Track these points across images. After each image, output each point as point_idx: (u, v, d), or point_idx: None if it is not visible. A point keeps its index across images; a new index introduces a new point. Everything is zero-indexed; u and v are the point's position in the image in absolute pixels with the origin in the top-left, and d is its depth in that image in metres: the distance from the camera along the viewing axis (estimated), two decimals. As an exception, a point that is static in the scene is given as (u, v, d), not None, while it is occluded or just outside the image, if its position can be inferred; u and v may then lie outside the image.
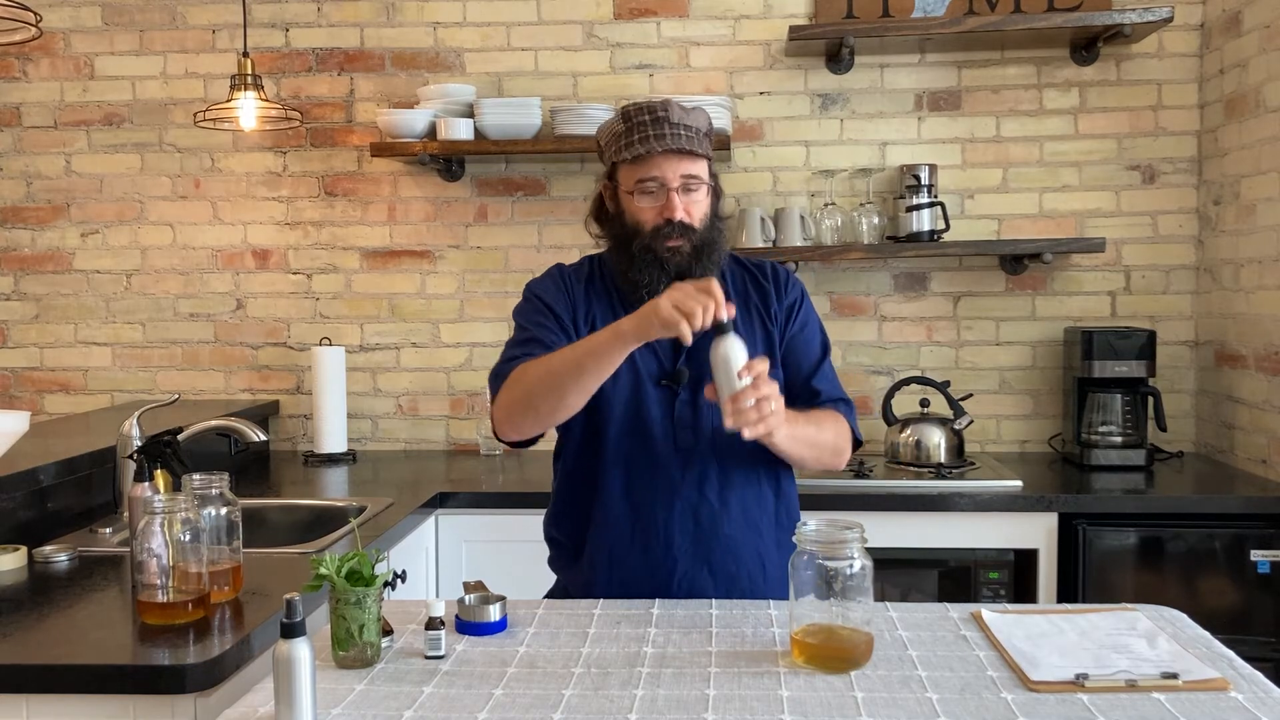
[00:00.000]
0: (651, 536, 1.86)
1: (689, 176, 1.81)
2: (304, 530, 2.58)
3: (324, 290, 3.51)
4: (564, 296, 1.91)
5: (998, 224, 3.34)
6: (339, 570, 1.46)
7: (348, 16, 3.46)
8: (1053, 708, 1.32)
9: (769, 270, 1.97)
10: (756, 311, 1.92)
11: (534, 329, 1.87)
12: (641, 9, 3.39)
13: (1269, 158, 2.85)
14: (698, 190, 1.82)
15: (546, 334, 1.85)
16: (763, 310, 1.92)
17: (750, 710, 1.31)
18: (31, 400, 3.58)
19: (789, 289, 1.95)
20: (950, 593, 2.74)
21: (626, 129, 1.81)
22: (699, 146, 1.80)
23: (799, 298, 1.96)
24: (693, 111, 1.83)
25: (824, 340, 1.98)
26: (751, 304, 1.92)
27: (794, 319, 1.94)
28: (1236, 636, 2.35)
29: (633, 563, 1.87)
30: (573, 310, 1.90)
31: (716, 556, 1.85)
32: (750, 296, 1.93)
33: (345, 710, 1.33)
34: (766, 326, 1.92)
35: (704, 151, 1.81)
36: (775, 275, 1.96)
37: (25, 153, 3.54)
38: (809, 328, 1.96)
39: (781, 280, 1.96)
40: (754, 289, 1.94)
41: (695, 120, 1.82)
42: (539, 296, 1.92)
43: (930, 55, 3.33)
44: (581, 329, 1.88)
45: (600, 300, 1.92)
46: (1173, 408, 3.24)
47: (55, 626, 1.70)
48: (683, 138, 1.78)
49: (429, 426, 3.51)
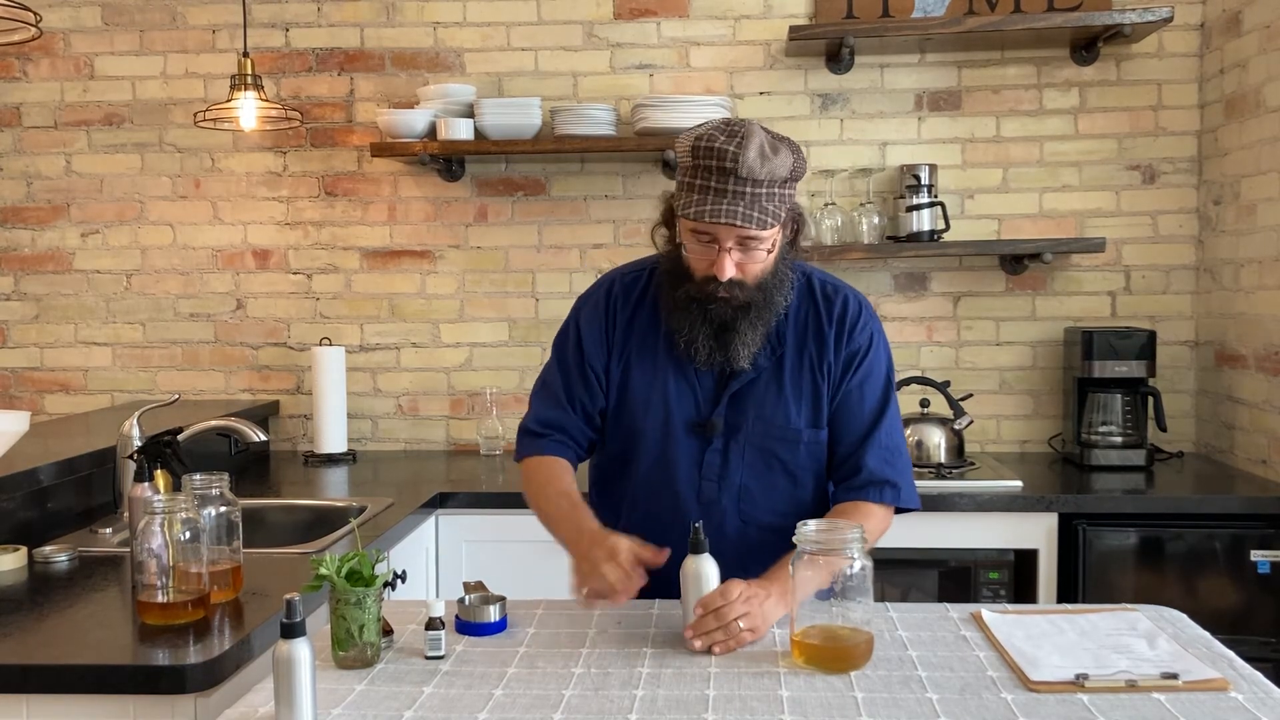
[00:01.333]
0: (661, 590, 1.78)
1: (747, 238, 1.64)
2: (304, 530, 2.58)
3: (324, 290, 3.51)
4: (601, 331, 1.82)
5: (998, 224, 3.34)
6: (339, 570, 1.46)
7: (348, 16, 3.46)
8: (1053, 708, 1.32)
9: (838, 310, 1.78)
10: (809, 362, 1.77)
11: (557, 376, 1.86)
12: (641, 9, 3.39)
13: (1269, 158, 2.85)
14: (757, 249, 1.65)
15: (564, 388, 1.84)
16: (816, 361, 1.77)
17: (750, 710, 1.31)
18: (31, 400, 3.58)
19: (853, 336, 1.77)
20: (950, 593, 2.74)
21: (693, 167, 1.63)
22: (766, 214, 1.60)
23: (864, 346, 1.77)
24: (772, 158, 1.60)
25: (885, 394, 1.78)
26: (806, 354, 1.77)
27: (853, 372, 1.76)
28: (1236, 636, 2.35)
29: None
30: (608, 355, 1.82)
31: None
32: (806, 344, 1.77)
33: (345, 710, 1.34)
34: (815, 381, 1.77)
35: (771, 220, 1.61)
36: (841, 319, 1.78)
37: (25, 153, 3.54)
38: (870, 381, 1.77)
39: (846, 326, 1.77)
40: (812, 334, 1.77)
41: (771, 169, 1.60)
42: (577, 327, 1.85)
43: (930, 55, 3.33)
44: (614, 367, 1.81)
45: (646, 324, 1.80)
46: (1173, 408, 3.24)
47: (55, 626, 1.70)
48: (745, 199, 1.59)
49: (429, 427, 3.51)
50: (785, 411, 1.76)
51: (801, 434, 1.77)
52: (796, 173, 1.65)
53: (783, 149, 1.63)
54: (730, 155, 1.58)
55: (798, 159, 1.65)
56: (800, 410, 1.77)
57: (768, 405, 1.76)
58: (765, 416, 1.77)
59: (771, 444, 1.77)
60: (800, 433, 1.77)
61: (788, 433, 1.77)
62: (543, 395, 1.89)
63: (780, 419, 1.76)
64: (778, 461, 1.78)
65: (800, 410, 1.77)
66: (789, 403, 1.76)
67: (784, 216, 1.66)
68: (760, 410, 1.77)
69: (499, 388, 3.47)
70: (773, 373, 1.77)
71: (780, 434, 1.77)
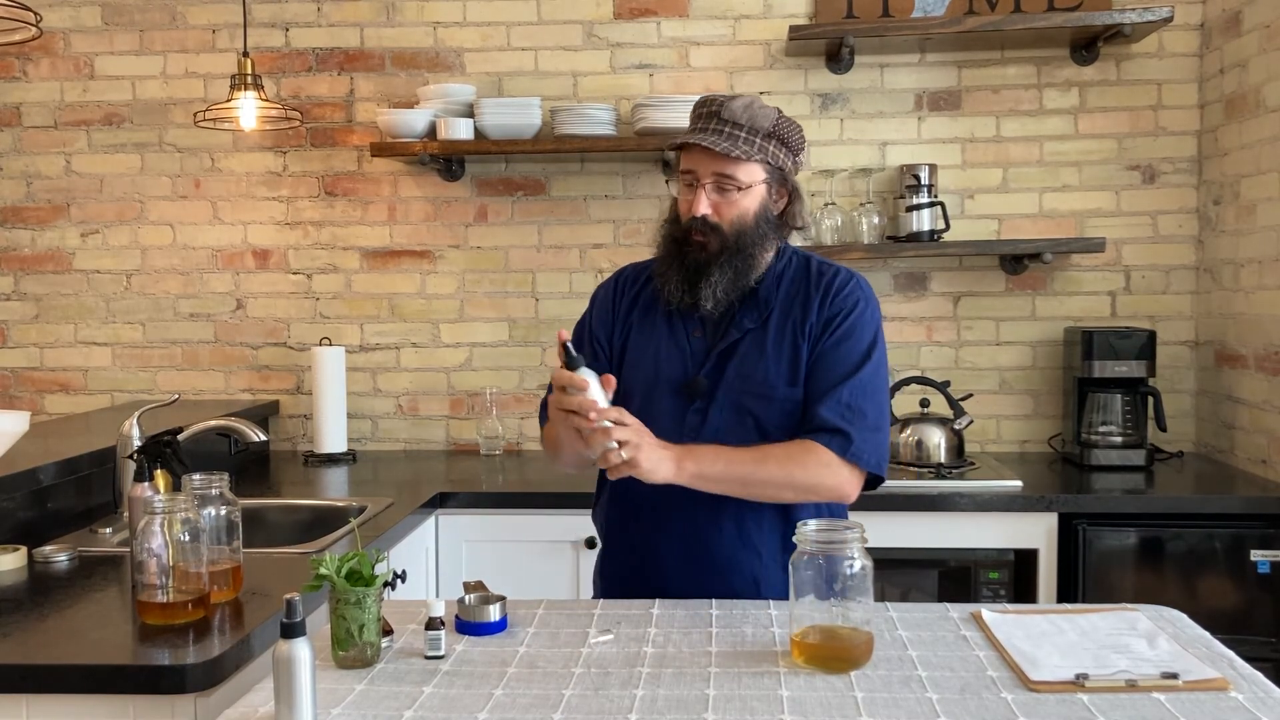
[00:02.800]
0: (646, 556, 1.85)
1: (722, 175, 1.76)
2: (304, 530, 2.58)
3: (324, 290, 3.51)
4: (609, 307, 1.94)
5: (998, 224, 3.34)
6: (339, 570, 1.46)
7: (348, 16, 3.46)
8: (1053, 708, 1.32)
9: (828, 278, 1.84)
10: (792, 325, 1.82)
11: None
12: (641, 9, 3.39)
13: (1269, 158, 2.85)
14: (730, 191, 1.77)
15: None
16: (799, 323, 1.81)
17: (750, 710, 1.31)
18: (31, 400, 3.58)
19: (836, 300, 1.82)
20: (950, 593, 2.74)
21: (692, 116, 1.81)
22: (738, 147, 1.73)
23: (846, 310, 1.81)
24: (757, 111, 1.76)
25: (862, 362, 1.79)
26: (791, 316, 1.82)
27: (830, 332, 1.80)
28: (1236, 636, 2.35)
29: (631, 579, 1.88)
30: (611, 326, 1.92)
31: (706, 579, 1.81)
32: (792, 309, 1.83)
33: (345, 710, 1.34)
34: (796, 342, 1.81)
35: (743, 154, 1.74)
36: (829, 285, 1.83)
37: (25, 153, 3.54)
38: (847, 345, 1.80)
39: (832, 290, 1.83)
40: (799, 299, 1.83)
41: (753, 117, 1.75)
42: (590, 310, 1.98)
43: (930, 55, 3.33)
44: (616, 336, 1.92)
45: (649, 298, 1.89)
46: (1173, 408, 3.24)
47: (55, 626, 1.70)
48: (724, 134, 1.74)
49: (429, 426, 3.51)
50: (765, 369, 1.80)
51: (776, 390, 1.79)
52: (781, 132, 1.78)
53: (771, 110, 1.78)
54: (718, 101, 1.78)
55: (786, 123, 1.78)
56: (779, 369, 1.79)
57: (748, 364, 1.81)
58: (744, 374, 1.81)
59: (747, 400, 1.80)
60: (775, 389, 1.79)
61: (764, 389, 1.79)
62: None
63: (759, 376, 1.80)
64: (751, 418, 1.80)
65: (779, 369, 1.79)
66: (769, 362, 1.80)
67: (761, 163, 1.77)
68: (741, 368, 1.81)
69: (499, 388, 3.47)
70: (757, 334, 1.82)
71: (757, 390, 1.80)
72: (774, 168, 1.79)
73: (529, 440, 3.48)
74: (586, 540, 2.73)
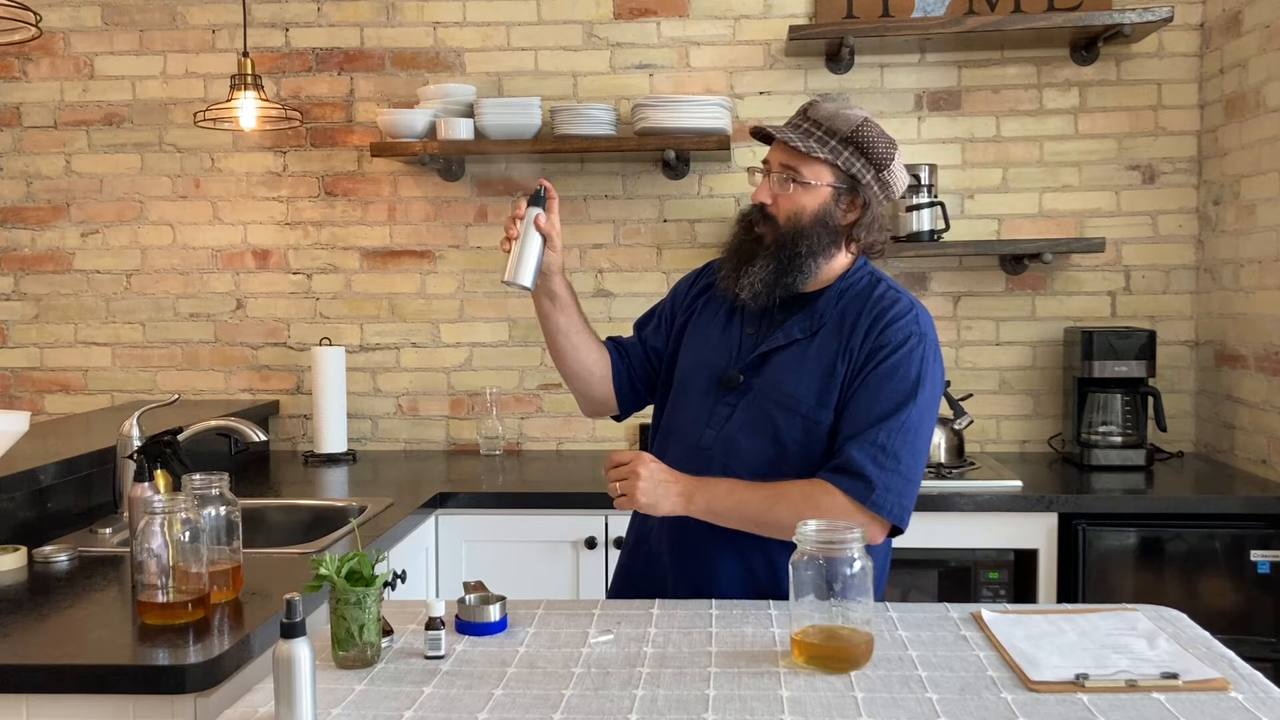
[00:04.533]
0: (651, 542, 1.88)
1: (787, 168, 1.78)
2: (304, 530, 2.58)
3: (324, 290, 3.51)
4: (681, 295, 2.02)
5: (998, 224, 3.34)
6: (339, 570, 1.46)
7: (348, 16, 3.46)
8: (1053, 708, 1.32)
9: (885, 304, 1.78)
10: (838, 344, 1.77)
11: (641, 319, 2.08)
12: (641, 9, 3.39)
13: (1269, 158, 2.85)
14: (791, 183, 1.77)
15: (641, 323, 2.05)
16: (844, 343, 1.76)
17: (750, 710, 1.31)
18: (31, 400, 3.58)
19: (886, 330, 1.74)
20: (950, 593, 2.74)
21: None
22: (807, 143, 1.74)
23: (895, 344, 1.73)
24: (840, 114, 1.77)
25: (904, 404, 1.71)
26: (839, 335, 1.77)
27: (875, 364, 1.73)
28: (1236, 636, 2.35)
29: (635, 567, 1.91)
30: (678, 307, 2.00)
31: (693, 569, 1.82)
32: (842, 327, 1.78)
33: (345, 710, 1.34)
34: (835, 362, 1.75)
35: (809, 150, 1.74)
36: (882, 312, 1.77)
37: (25, 153, 3.54)
38: (891, 384, 1.72)
39: (885, 319, 1.75)
40: (850, 319, 1.78)
41: (833, 121, 1.76)
42: (672, 290, 2.07)
43: (930, 55, 3.33)
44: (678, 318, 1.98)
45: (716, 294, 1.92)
46: (1173, 408, 3.24)
47: (55, 626, 1.70)
48: (800, 130, 1.77)
49: (429, 426, 3.51)
50: (795, 382, 1.77)
51: (801, 405, 1.76)
52: (861, 139, 1.75)
53: (857, 117, 1.77)
54: (812, 101, 1.83)
55: (870, 132, 1.76)
56: (811, 385, 1.76)
57: (783, 372, 1.79)
58: (776, 381, 1.79)
59: (770, 407, 1.78)
60: (800, 403, 1.76)
61: (790, 401, 1.77)
62: None
63: (788, 388, 1.77)
64: (770, 426, 1.78)
65: (811, 385, 1.76)
66: (804, 375, 1.77)
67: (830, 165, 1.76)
68: (775, 375, 1.79)
69: (499, 388, 3.47)
70: (804, 345, 1.80)
71: (782, 400, 1.77)
72: (845, 174, 1.76)
73: (529, 440, 3.48)
74: (586, 540, 2.73)
